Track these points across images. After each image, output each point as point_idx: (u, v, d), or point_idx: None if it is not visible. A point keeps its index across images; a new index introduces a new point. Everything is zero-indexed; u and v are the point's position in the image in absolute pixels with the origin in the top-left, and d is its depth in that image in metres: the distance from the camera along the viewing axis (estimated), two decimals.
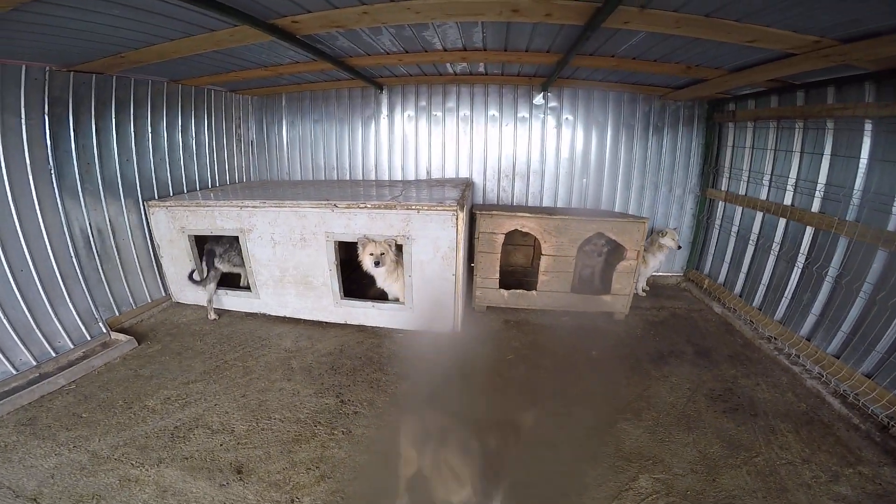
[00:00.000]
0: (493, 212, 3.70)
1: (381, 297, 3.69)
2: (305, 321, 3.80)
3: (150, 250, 3.96)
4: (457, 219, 3.14)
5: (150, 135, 3.85)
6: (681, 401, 2.83)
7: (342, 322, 3.70)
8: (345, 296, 3.60)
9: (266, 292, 3.75)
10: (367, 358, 3.31)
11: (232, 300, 3.93)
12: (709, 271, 4.69)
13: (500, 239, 3.73)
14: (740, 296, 4.13)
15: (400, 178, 5.11)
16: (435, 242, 3.26)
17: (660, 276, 4.87)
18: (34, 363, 2.99)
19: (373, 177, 5.18)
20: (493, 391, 2.94)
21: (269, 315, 3.88)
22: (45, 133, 2.96)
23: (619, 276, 3.79)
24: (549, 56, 3.37)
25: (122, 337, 3.45)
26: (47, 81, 2.93)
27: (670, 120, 4.66)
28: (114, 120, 3.49)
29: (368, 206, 3.25)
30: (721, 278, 4.46)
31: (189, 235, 3.72)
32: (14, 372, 2.89)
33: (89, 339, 3.36)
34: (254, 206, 3.43)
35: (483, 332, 3.73)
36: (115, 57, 2.85)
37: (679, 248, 4.35)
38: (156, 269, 4.04)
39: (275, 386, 2.96)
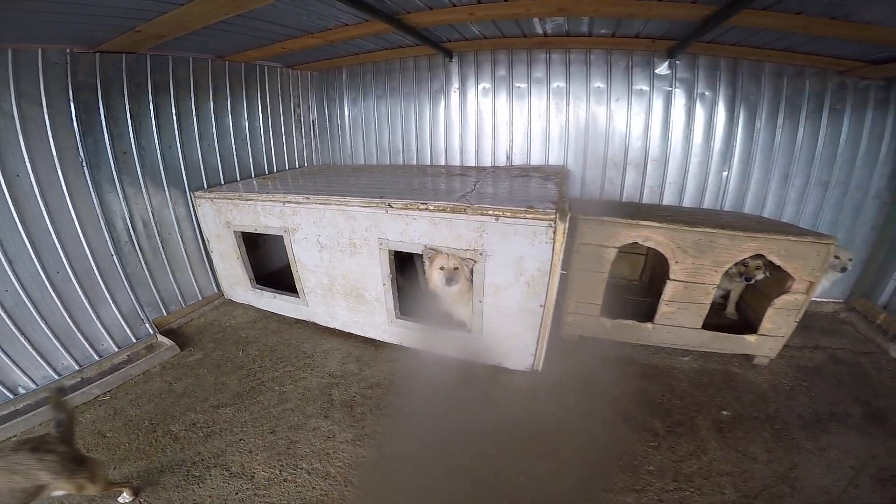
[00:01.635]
0: (605, 218, 2.74)
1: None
2: (356, 336, 3.28)
3: (201, 244, 3.67)
4: (554, 232, 2.29)
5: (195, 118, 3.46)
6: (839, 483, 2.05)
7: (397, 343, 3.12)
8: (401, 314, 2.99)
9: (314, 300, 3.28)
10: (420, 397, 2.71)
11: (281, 304, 3.53)
12: (886, 302, 3.36)
13: (612, 255, 2.81)
14: None
15: (474, 164, 4.33)
16: (518, 262, 2.44)
17: (813, 300, 3.64)
18: (77, 367, 2.84)
19: (442, 162, 4.46)
20: (580, 463, 2.20)
21: (319, 325, 3.43)
22: (71, 121, 2.64)
23: (777, 313, 2.72)
24: (695, 9, 2.36)
25: (166, 341, 3.21)
26: (69, 65, 2.58)
27: (854, 102, 3.29)
28: (151, 103, 3.11)
29: (431, 207, 2.52)
30: None
31: (235, 232, 3.32)
32: (56, 377, 2.74)
33: (135, 341, 3.18)
34: (297, 203, 2.91)
35: (572, 372, 2.89)
36: (131, 32, 2.39)
37: (844, 270, 3.13)
38: (207, 264, 3.76)
39: (309, 423, 2.49)
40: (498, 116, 4.10)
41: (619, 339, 3.08)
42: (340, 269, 2.98)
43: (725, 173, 3.66)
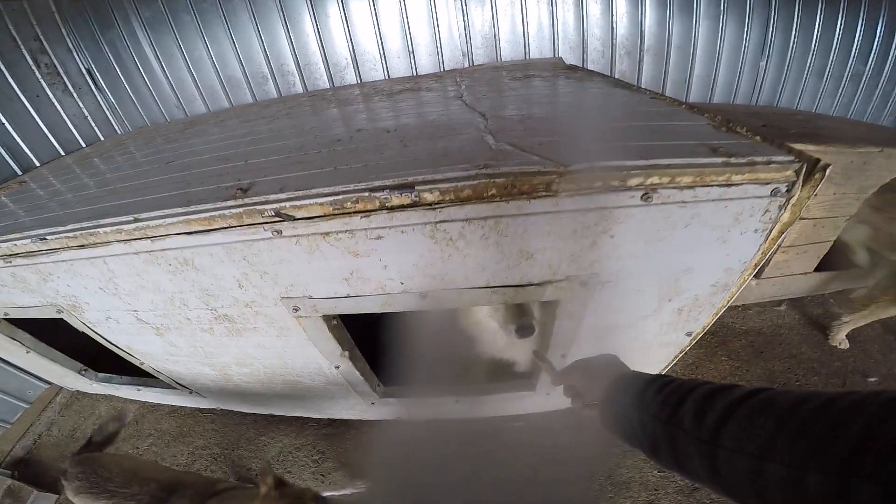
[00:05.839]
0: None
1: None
2: (315, 421, 2.04)
3: None
4: (783, 205, 0.87)
5: None
6: None
7: (390, 419, 1.92)
8: (388, 387, 1.72)
9: (211, 393, 1.89)
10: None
11: (160, 396, 2.09)
12: None
13: None
14: None
15: (409, 74, 2.63)
16: (674, 281, 1.07)
17: None
18: None
19: (352, 79, 2.67)
20: None
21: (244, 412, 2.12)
22: None
23: None
24: None
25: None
26: None
27: None
28: None
29: (426, 196, 0.88)
30: None
31: None
32: None
33: None
34: (29, 254, 1.22)
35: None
36: None
37: None
38: None
39: None
40: None
41: None
42: (224, 357, 1.54)
43: (763, 63, 2.86)
